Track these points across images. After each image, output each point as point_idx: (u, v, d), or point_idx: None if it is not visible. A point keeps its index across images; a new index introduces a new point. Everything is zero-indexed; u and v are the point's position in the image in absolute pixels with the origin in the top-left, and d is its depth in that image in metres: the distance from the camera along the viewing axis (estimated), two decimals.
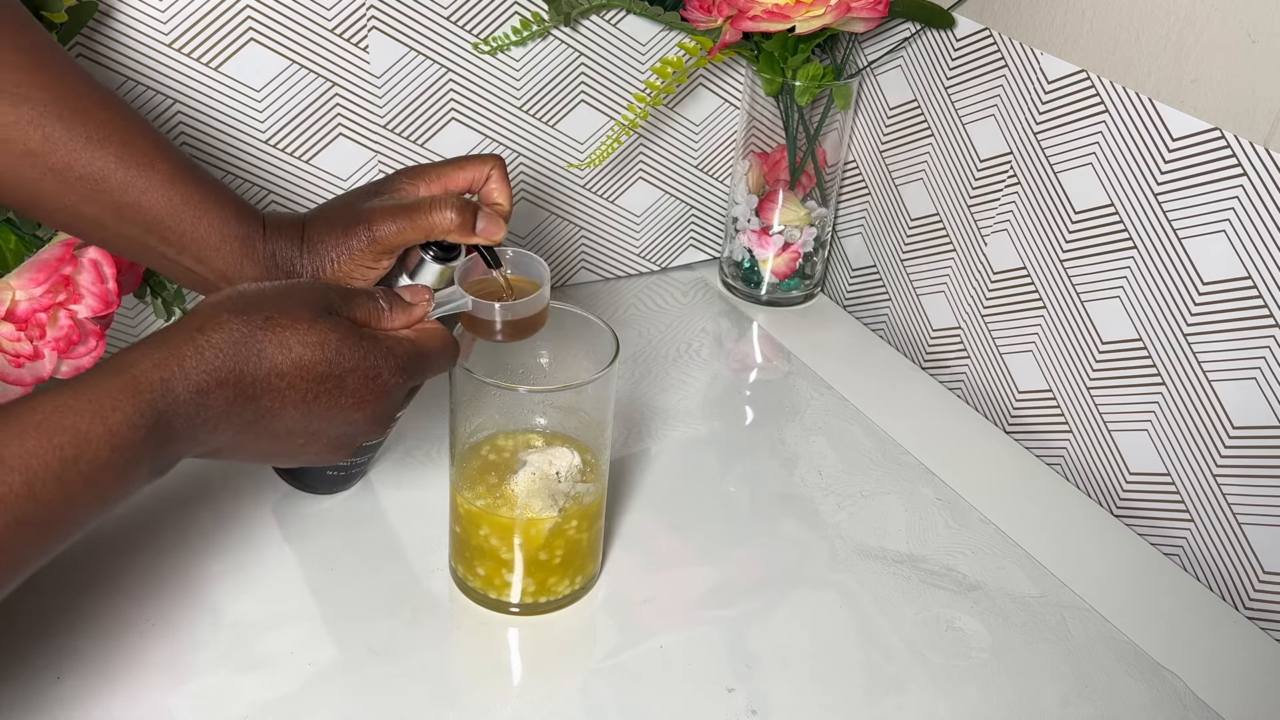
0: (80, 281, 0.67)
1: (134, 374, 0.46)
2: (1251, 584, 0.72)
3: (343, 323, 0.52)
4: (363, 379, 0.52)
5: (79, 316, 0.67)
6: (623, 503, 0.75)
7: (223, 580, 0.66)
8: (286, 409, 0.51)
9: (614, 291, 1.02)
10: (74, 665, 0.60)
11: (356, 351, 0.52)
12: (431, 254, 0.61)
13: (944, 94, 0.90)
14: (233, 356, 0.48)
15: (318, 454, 0.55)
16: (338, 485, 0.73)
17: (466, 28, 0.85)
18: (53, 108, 0.56)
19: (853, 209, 1.02)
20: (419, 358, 0.55)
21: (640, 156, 0.98)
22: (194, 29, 0.77)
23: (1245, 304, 0.70)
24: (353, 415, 0.53)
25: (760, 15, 0.82)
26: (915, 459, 0.82)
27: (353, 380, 0.52)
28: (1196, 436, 0.74)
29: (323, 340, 0.51)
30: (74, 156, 0.56)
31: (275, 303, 0.51)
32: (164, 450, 0.47)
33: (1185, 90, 0.71)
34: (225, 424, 0.49)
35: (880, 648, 0.66)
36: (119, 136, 0.57)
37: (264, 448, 0.53)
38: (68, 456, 0.43)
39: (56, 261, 0.66)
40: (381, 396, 0.54)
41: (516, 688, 0.63)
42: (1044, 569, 0.72)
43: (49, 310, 0.66)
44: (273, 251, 0.60)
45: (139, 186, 0.58)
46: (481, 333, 0.61)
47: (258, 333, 0.49)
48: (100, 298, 0.67)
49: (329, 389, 0.51)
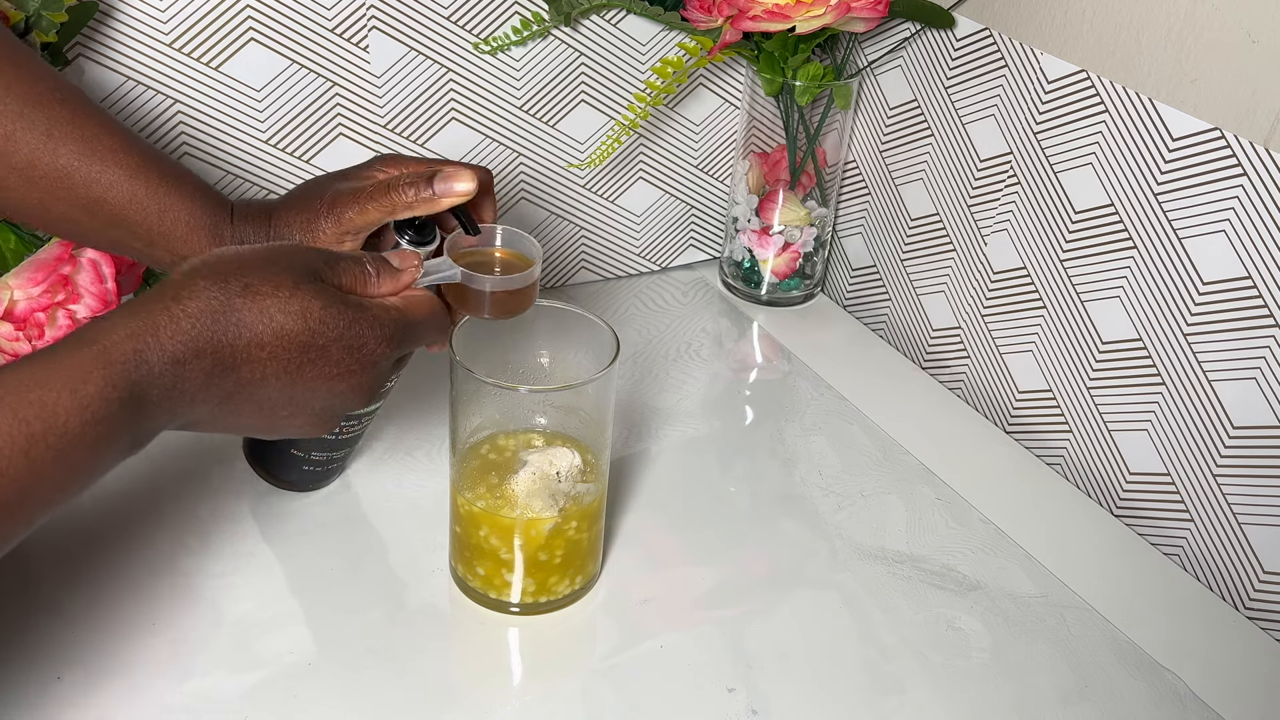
0: (79, 281, 0.67)
1: (105, 344, 0.44)
2: (1251, 584, 0.72)
3: (326, 289, 0.50)
4: (347, 349, 0.51)
5: (78, 316, 0.67)
6: (623, 503, 0.75)
7: (222, 580, 0.66)
8: (267, 380, 0.49)
9: (614, 291, 1.02)
10: (74, 665, 0.60)
11: (341, 320, 0.50)
12: (407, 238, 0.60)
13: (944, 94, 0.90)
14: (210, 326, 0.47)
15: (302, 426, 0.53)
16: (314, 482, 0.72)
17: (466, 28, 0.85)
18: (14, 105, 0.55)
19: (853, 209, 1.02)
20: (406, 326, 0.54)
21: (640, 156, 0.98)
22: (194, 29, 0.77)
23: (1245, 304, 0.70)
24: (337, 386, 0.51)
25: (760, 15, 0.82)
26: (915, 459, 0.82)
27: (336, 350, 0.50)
28: (1196, 436, 0.74)
29: (305, 308, 0.49)
30: (36, 154, 0.56)
31: (255, 268, 0.49)
32: (139, 423, 0.46)
33: (1185, 90, 0.71)
34: (204, 395, 0.48)
35: (880, 648, 0.66)
36: (81, 133, 0.57)
37: (245, 420, 0.51)
38: (35, 431, 0.41)
39: (55, 261, 0.66)
40: (367, 367, 0.52)
41: (516, 688, 0.63)
42: (1044, 569, 0.72)
43: (48, 310, 0.66)
44: (241, 238, 0.60)
45: (104, 182, 0.57)
46: (470, 307, 0.59)
47: (236, 300, 0.47)
48: (99, 297, 0.68)
49: (312, 359, 0.50)
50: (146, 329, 0.45)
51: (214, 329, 0.47)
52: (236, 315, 0.47)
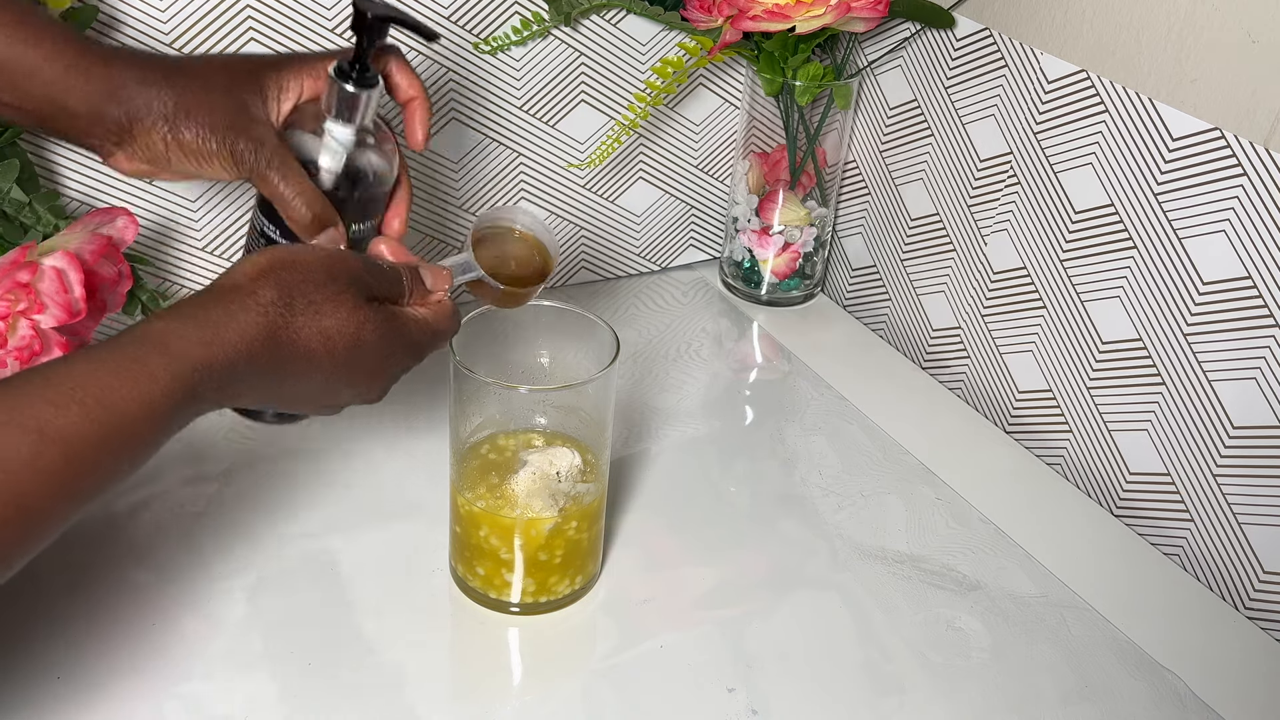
0: (42, 290, 0.64)
1: (176, 353, 0.46)
2: (1251, 584, 0.72)
3: (378, 309, 0.54)
4: (378, 357, 0.54)
5: (42, 327, 0.64)
6: (623, 503, 0.75)
7: (222, 580, 0.66)
8: (305, 381, 0.52)
9: (614, 291, 1.02)
10: (74, 665, 0.60)
11: (378, 332, 0.53)
12: (351, 81, 0.59)
13: (944, 94, 0.90)
14: (269, 340, 0.49)
15: (313, 411, 0.57)
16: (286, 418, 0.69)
17: (466, 28, 0.85)
18: None
19: (853, 209, 1.02)
20: (430, 336, 0.57)
21: (640, 156, 0.98)
22: (194, 29, 0.77)
23: (1245, 304, 0.70)
24: (359, 386, 0.55)
25: (760, 15, 0.82)
26: (915, 459, 0.82)
27: (370, 359, 0.54)
28: (1196, 436, 0.74)
29: (359, 328, 0.52)
30: None
31: (319, 284, 0.51)
32: (189, 417, 0.48)
33: (1185, 90, 0.71)
34: (246, 392, 0.50)
35: (880, 648, 0.66)
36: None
37: (265, 403, 0.54)
38: (108, 432, 0.44)
39: (10, 265, 0.63)
40: (390, 372, 0.56)
41: (516, 688, 0.63)
42: (1044, 569, 0.72)
43: (7, 319, 0.63)
44: (123, 82, 0.56)
45: None
46: (484, 296, 0.62)
47: (299, 319, 0.50)
48: (64, 307, 0.64)
49: (350, 367, 0.53)
50: (216, 340, 0.48)
51: (273, 343, 0.50)
52: (295, 332, 0.50)
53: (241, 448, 0.77)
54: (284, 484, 0.74)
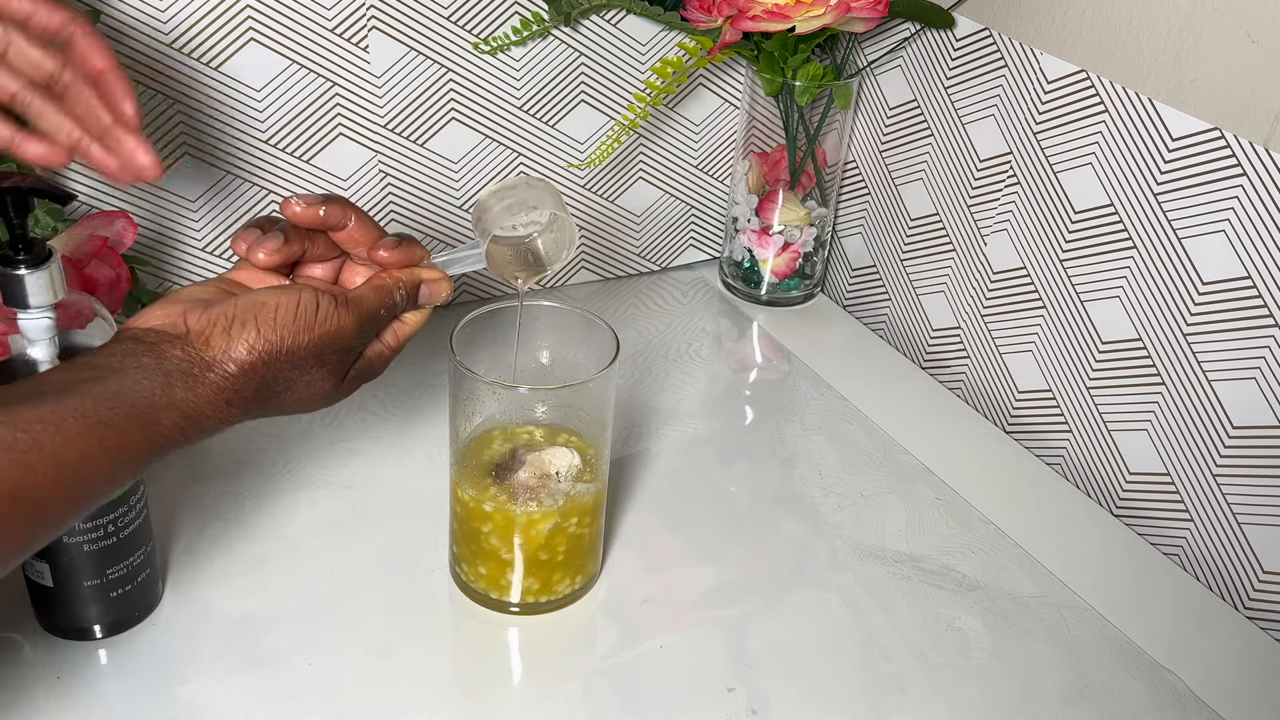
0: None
1: (154, 432, 0.47)
2: (1251, 584, 0.72)
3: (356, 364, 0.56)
4: (347, 383, 0.56)
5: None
6: (623, 503, 0.75)
7: (222, 580, 0.66)
8: (283, 409, 0.54)
9: (614, 291, 1.02)
10: (74, 665, 0.60)
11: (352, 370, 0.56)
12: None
13: (944, 94, 0.90)
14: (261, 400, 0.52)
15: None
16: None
17: (466, 28, 0.85)
18: None
19: (853, 209, 1.02)
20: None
21: (640, 156, 0.98)
22: (194, 29, 0.77)
23: (1245, 304, 0.70)
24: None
25: (760, 15, 0.82)
26: (915, 459, 0.82)
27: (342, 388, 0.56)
28: (1196, 436, 0.74)
29: (337, 383, 0.55)
30: None
31: (308, 365, 0.53)
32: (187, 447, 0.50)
33: (1185, 90, 0.71)
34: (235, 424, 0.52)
35: (880, 648, 0.66)
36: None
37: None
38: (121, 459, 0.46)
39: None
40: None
41: (516, 688, 0.63)
42: (1044, 569, 0.72)
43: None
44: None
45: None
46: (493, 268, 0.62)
47: (273, 403, 0.53)
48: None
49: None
50: (193, 427, 0.49)
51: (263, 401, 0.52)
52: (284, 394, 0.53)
53: (241, 447, 0.77)
54: (284, 483, 0.74)
